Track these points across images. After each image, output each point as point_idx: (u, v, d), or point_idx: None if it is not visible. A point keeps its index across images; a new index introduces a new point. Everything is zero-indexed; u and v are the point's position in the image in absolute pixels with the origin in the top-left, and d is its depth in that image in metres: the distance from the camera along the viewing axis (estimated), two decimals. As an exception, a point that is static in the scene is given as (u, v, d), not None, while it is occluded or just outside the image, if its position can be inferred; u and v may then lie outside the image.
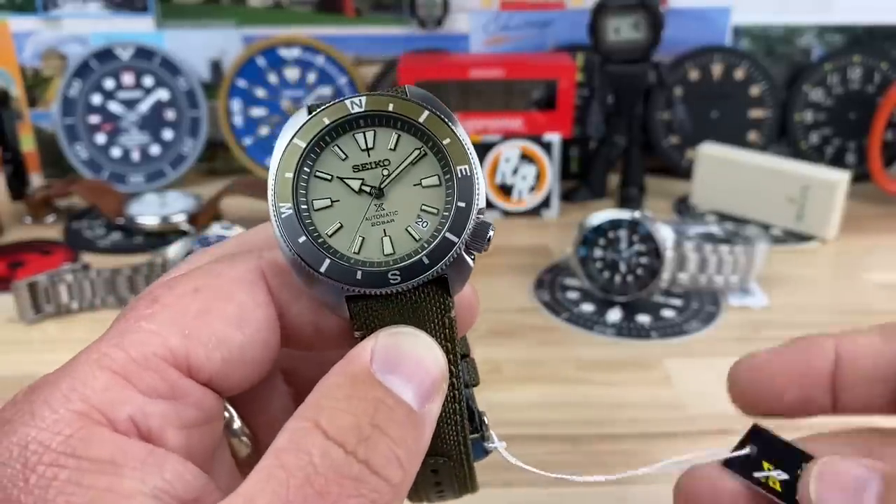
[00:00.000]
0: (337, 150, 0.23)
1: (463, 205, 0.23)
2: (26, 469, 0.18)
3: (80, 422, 0.19)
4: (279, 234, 0.22)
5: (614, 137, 0.83)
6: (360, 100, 0.23)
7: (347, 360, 0.21)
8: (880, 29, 0.90)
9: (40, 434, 0.19)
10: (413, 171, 0.23)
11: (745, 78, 0.89)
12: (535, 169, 0.81)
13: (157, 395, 0.20)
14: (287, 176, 0.23)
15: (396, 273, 0.22)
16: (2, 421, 0.20)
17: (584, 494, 0.45)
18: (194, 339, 0.21)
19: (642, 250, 0.61)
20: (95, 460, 0.19)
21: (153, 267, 0.62)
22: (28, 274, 0.63)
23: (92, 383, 0.20)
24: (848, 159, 0.90)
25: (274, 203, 0.22)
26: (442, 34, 0.90)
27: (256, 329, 0.22)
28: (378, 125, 0.24)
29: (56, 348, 0.60)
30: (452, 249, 0.22)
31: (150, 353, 0.21)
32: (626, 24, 0.78)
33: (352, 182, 0.23)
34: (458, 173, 0.23)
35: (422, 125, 0.23)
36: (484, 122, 0.82)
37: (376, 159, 0.23)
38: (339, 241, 0.23)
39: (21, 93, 0.91)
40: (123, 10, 0.89)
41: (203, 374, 0.21)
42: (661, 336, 0.59)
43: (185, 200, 0.80)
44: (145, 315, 0.21)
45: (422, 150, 0.23)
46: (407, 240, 0.23)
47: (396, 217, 0.23)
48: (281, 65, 0.89)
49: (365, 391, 0.20)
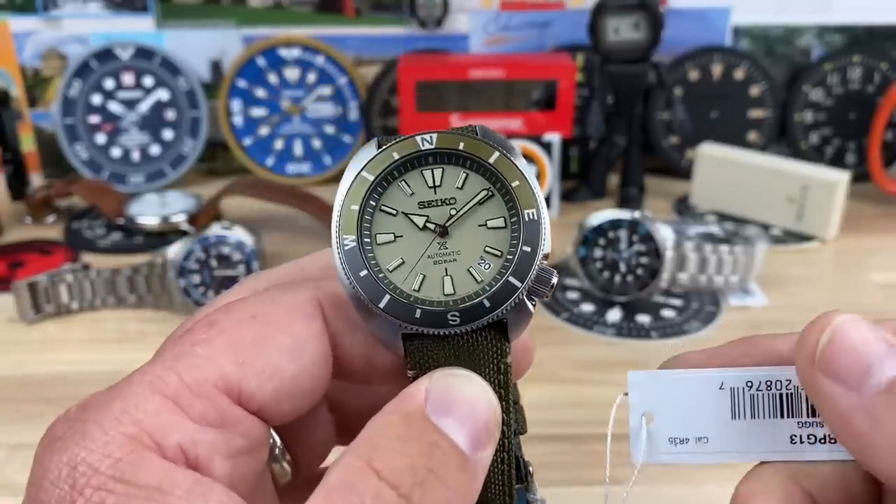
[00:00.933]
0: (404, 185, 0.23)
1: (528, 249, 0.22)
2: (74, 491, 0.18)
3: (130, 445, 0.19)
4: (340, 266, 0.22)
5: (614, 137, 0.83)
6: (430, 136, 0.23)
7: (402, 398, 0.21)
8: (880, 29, 0.90)
9: (90, 456, 0.19)
10: (479, 211, 0.23)
11: (745, 78, 0.89)
12: (534, 169, 0.81)
13: (206, 422, 0.20)
14: (353, 208, 0.22)
15: (456, 314, 0.22)
16: (53, 438, 0.20)
17: (585, 494, 0.45)
18: (248, 369, 0.21)
19: (642, 250, 0.61)
20: (143, 486, 0.19)
21: (153, 267, 0.62)
22: (28, 274, 0.63)
23: (144, 406, 0.20)
24: (848, 159, 0.90)
25: (338, 235, 0.22)
26: (442, 34, 0.90)
27: (310, 361, 0.22)
28: (447, 163, 0.23)
29: (56, 348, 0.60)
30: (515, 294, 0.22)
31: (203, 379, 0.21)
32: (626, 24, 0.78)
33: (417, 218, 0.23)
34: (525, 216, 0.22)
35: (491, 165, 0.23)
36: (484, 122, 0.81)
37: (443, 197, 0.23)
38: (400, 277, 0.22)
39: (21, 93, 0.91)
40: (123, 10, 0.89)
41: (253, 404, 0.21)
42: (661, 336, 0.59)
43: (186, 200, 0.80)
44: (201, 340, 0.21)
45: (489, 190, 0.23)
46: (468, 281, 0.22)
47: (459, 257, 0.23)
48: (281, 65, 0.89)
49: (420, 432, 0.20)
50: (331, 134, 0.92)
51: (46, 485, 0.19)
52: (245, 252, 0.62)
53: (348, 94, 0.91)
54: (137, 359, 0.64)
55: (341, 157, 0.92)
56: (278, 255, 0.73)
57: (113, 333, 0.61)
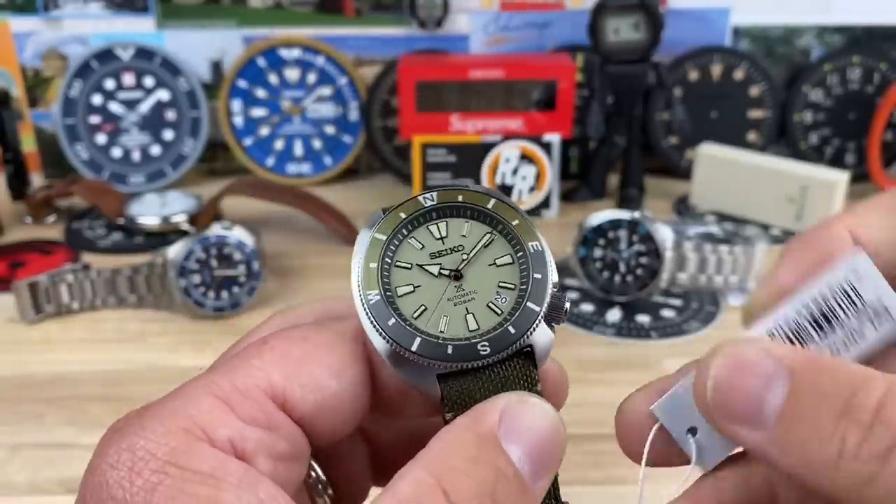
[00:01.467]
0: (414, 241, 0.25)
1: (539, 276, 0.24)
2: (132, 473, 0.20)
3: (185, 436, 0.21)
4: (368, 320, 0.23)
5: (614, 138, 0.83)
6: (431, 195, 0.25)
7: (476, 416, 0.22)
8: (879, 29, 0.90)
9: (148, 444, 0.20)
10: (486, 252, 0.25)
11: (745, 78, 0.89)
12: (534, 169, 0.81)
13: (254, 422, 0.22)
14: (371, 266, 0.24)
15: (485, 344, 0.23)
16: (113, 430, 0.21)
17: (585, 494, 0.45)
18: (294, 380, 0.23)
19: (642, 250, 0.61)
20: (197, 472, 0.20)
21: (153, 267, 0.62)
22: (29, 274, 0.63)
23: (198, 405, 0.21)
24: (847, 159, 0.90)
25: (361, 292, 0.24)
26: (442, 35, 0.90)
27: (351, 382, 0.24)
28: (450, 216, 0.25)
29: (57, 348, 0.60)
30: (536, 318, 0.23)
31: (252, 384, 0.22)
32: (626, 24, 0.78)
33: (431, 268, 0.25)
34: (530, 248, 0.24)
35: (490, 211, 0.25)
36: (484, 122, 0.82)
37: (451, 246, 0.25)
38: (426, 322, 0.24)
39: (22, 93, 0.91)
40: (124, 10, 0.89)
41: (296, 412, 0.23)
42: (661, 336, 0.59)
43: (186, 201, 0.80)
44: (254, 354, 0.23)
45: (492, 233, 0.25)
46: (490, 315, 0.24)
47: (477, 296, 0.24)
48: (281, 65, 0.89)
49: (489, 456, 0.21)
50: (331, 134, 0.92)
51: (105, 467, 0.20)
52: (245, 252, 0.62)
53: (348, 95, 0.91)
54: (138, 359, 0.65)
55: (341, 158, 0.92)
56: (278, 255, 0.73)
57: (113, 333, 0.61)
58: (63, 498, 0.45)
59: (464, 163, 0.81)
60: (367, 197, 0.88)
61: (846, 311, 0.23)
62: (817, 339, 0.23)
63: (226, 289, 0.62)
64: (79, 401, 0.53)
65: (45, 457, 0.47)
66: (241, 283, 0.62)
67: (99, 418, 0.51)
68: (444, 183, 0.25)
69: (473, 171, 0.81)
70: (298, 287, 0.68)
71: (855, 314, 0.23)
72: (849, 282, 0.23)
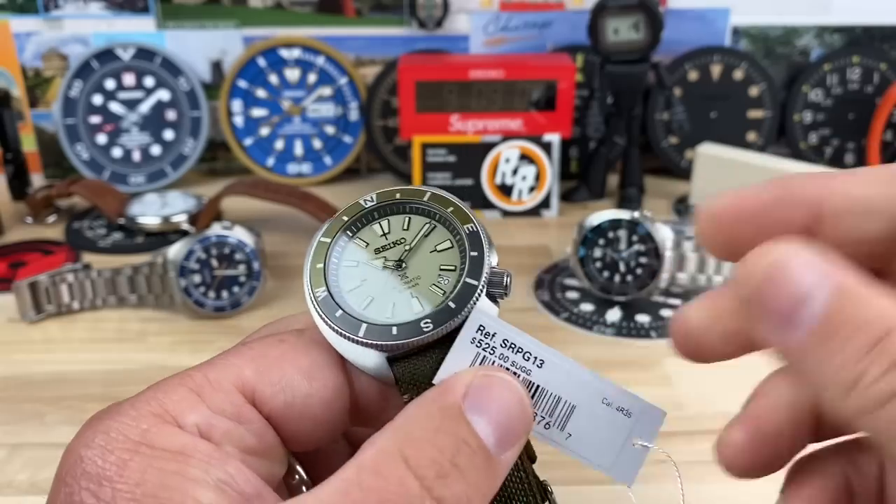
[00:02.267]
0: (358, 241, 0.26)
1: (475, 254, 0.25)
2: (105, 451, 0.21)
3: (155, 420, 0.22)
4: (317, 314, 0.24)
5: (614, 138, 0.83)
6: (371, 196, 0.27)
7: (442, 390, 0.22)
8: (879, 30, 0.90)
9: (121, 426, 0.22)
10: (427, 241, 0.26)
11: (745, 78, 0.89)
12: (534, 169, 0.81)
13: (222, 413, 0.23)
14: (318, 266, 0.26)
15: (428, 321, 0.24)
16: (91, 419, 0.23)
17: (585, 493, 0.45)
18: (265, 377, 0.24)
19: (642, 250, 0.61)
20: (167, 450, 0.21)
21: (154, 267, 0.62)
22: (29, 274, 0.63)
23: (170, 394, 0.23)
24: (847, 159, 0.90)
25: (310, 290, 0.25)
26: (442, 35, 0.90)
27: (323, 385, 0.24)
28: (391, 213, 0.27)
29: (57, 348, 0.60)
30: (475, 292, 0.24)
31: (223, 377, 0.23)
32: (626, 24, 0.78)
33: (375, 262, 0.26)
34: (466, 230, 0.25)
35: (426, 204, 0.26)
36: (484, 122, 0.82)
37: (393, 240, 0.26)
38: (374, 312, 0.25)
39: (22, 93, 0.91)
40: (124, 10, 0.89)
41: (265, 409, 0.24)
42: (661, 336, 0.59)
43: (186, 200, 0.80)
44: (233, 352, 0.24)
45: (430, 223, 0.26)
46: (433, 295, 0.25)
47: (420, 281, 0.25)
48: (281, 65, 0.90)
49: (452, 427, 0.21)
50: (331, 134, 0.92)
51: (79, 447, 0.22)
52: (245, 252, 0.62)
53: (349, 95, 0.91)
54: (138, 358, 0.65)
55: (342, 158, 0.92)
56: (278, 255, 0.73)
57: (114, 333, 0.62)
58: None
59: (464, 163, 0.81)
60: (367, 197, 0.89)
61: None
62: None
63: (226, 289, 0.62)
64: (79, 400, 0.53)
65: (46, 456, 0.47)
66: (241, 283, 0.63)
67: (99, 418, 0.51)
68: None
69: (473, 171, 0.81)
70: (298, 287, 0.68)
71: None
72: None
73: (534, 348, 0.25)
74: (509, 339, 0.24)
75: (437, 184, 0.82)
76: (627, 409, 0.24)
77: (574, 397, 0.25)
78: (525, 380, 0.24)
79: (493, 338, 0.24)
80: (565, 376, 0.25)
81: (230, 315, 0.63)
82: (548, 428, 0.25)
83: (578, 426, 0.25)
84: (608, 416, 0.24)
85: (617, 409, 0.24)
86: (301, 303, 0.64)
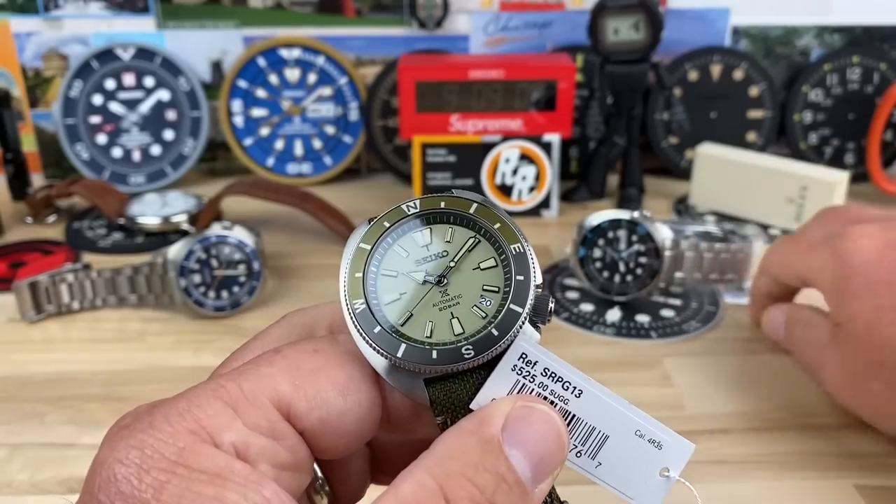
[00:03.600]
0: (399, 249, 0.25)
1: (521, 278, 0.24)
2: (141, 470, 0.20)
3: (192, 438, 0.21)
4: (354, 328, 0.24)
5: (614, 138, 0.83)
6: (414, 202, 0.26)
7: (481, 420, 0.22)
8: (879, 30, 0.90)
9: (156, 443, 0.21)
10: (470, 257, 0.25)
11: (744, 78, 0.89)
12: (534, 169, 0.81)
13: (258, 429, 0.22)
14: (357, 276, 0.24)
15: (469, 348, 0.23)
16: (120, 426, 0.22)
17: (583, 493, 0.45)
18: (300, 392, 0.23)
19: (641, 250, 0.61)
20: (204, 472, 0.21)
21: (154, 267, 0.62)
22: (29, 274, 0.63)
23: (205, 408, 0.22)
24: (847, 160, 0.90)
25: (347, 301, 0.24)
26: (442, 35, 0.90)
27: (357, 402, 0.24)
28: (433, 223, 0.26)
29: (57, 348, 0.60)
30: (518, 319, 0.23)
31: (259, 391, 0.23)
32: (626, 24, 0.78)
33: (416, 275, 0.25)
34: (513, 251, 0.25)
35: (472, 216, 0.25)
36: (484, 122, 0.82)
37: (435, 252, 0.25)
38: (412, 329, 0.24)
39: (22, 93, 0.91)
40: (124, 10, 0.89)
41: (300, 425, 0.23)
42: (661, 336, 0.59)
43: (186, 200, 0.80)
44: (266, 361, 0.24)
45: (475, 237, 0.25)
46: (474, 318, 0.24)
47: (461, 300, 0.24)
48: (281, 65, 0.90)
49: (492, 462, 0.21)
50: (331, 134, 0.92)
51: (113, 461, 0.21)
52: (245, 252, 0.62)
53: (349, 95, 0.91)
54: (138, 358, 0.65)
55: (342, 158, 0.92)
56: (278, 255, 0.73)
57: (114, 333, 0.62)
58: (63, 497, 0.45)
59: (464, 163, 0.81)
60: (367, 197, 0.89)
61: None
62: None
63: (226, 289, 0.62)
64: (79, 400, 0.53)
65: (46, 456, 0.48)
66: (241, 283, 0.63)
67: (99, 418, 0.51)
68: (432, 193, 0.26)
69: (473, 171, 0.81)
70: (298, 287, 0.68)
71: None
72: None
73: (573, 378, 0.24)
74: (550, 367, 0.24)
75: (437, 184, 0.82)
76: (658, 441, 0.24)
77: (608, 428, 0.24)
78: (562, 409, 0.24)
79: (534, 366, 0.24)
80: (602, 407, 0.24)
81: (230, 315, 0.63)
82: (579, 456, 0.24)
83: (609, 456, 0.24)
84: (640, 448, 0.24)
85: (649, 440, 0.24)
86: (300, 304, 0.64)
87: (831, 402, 0.50)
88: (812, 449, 0.47)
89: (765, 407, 0.51)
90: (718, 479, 0.45)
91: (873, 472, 0.45)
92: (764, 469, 0.46)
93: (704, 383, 0.54)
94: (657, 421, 0.25)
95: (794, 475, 0.45)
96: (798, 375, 0.54)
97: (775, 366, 0.55)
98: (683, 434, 0.26)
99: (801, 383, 0.53)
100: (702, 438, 0.48)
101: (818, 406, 0.51)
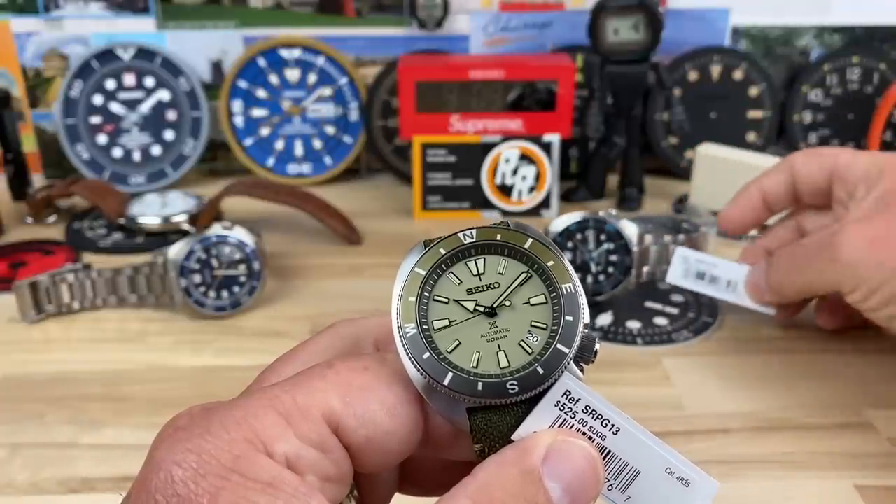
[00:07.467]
0: (452, 276, 0.26)
1: (570, 318, 0.24)
2: (198, 475, 0.21)
3: (247, 446, 0.22)
4: (404, 352, 0.24)
5: (613, 138, 0.84)
6: (471, 232, 0.26)
7: (523, 451, 0.23)
8: (879, 30, 0.90)
9: (214, 449, 0.22)
10: (521, 291, 0.25)
11: (744, 78, 0.89)
12: (534, 169, 0.81)
13: (309, 442, 0.23)
14: (410, 300, 0.25)
15: (514, 384, 0.24)
16: (176, 427, 0.23)
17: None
18: (350, 409, 0.24)
19: (611, 248, 0.61)
20: (257, 481, 0.21)
21: (154, 267, 0.62)
22: (29, 274, 0.63)
23: (262, 418, 0.23)
24: (847, 160, 0.90)
25: (399, 324, 0.25)
26: (442, 35, 0.90)
27: (402, 423, 0.25)
28: (487, 253, 0.26)
29: (57, 348, 0.60)
30: (564, 360, 0.24)
31: (312, 405, 0.23)
32: (626, 24, 0.78)
33: (467, 304, 0.25)
34: (564, 290, 0.25)
35: (527, 251, 0.26)
36: (484, 122, 0.82)
37: (487, 283, 0.26)
38: (459, 357, 0.24)
39: (22, 93, 0.91)
40: (125, 11, 0.89)
41: (347, 440, 0.24)
42: (646, 343, 0.59)
43: (187, 201, 0.80)
44: (318, 375, 0.24)
45: (528, 272, 0.26)
46: (520, 353, 0.24)
47: (509, 333, 0.25)
48: (282, 65, 0.90)
49: (531, 493, 0.22)
50: (331, 134, 0.92)
51: (170, 464, 0.21)
52: (246, 252, 0.63)
53: (349, 95, 0.91)
54: (138, 358, 0.65)
55: (342, 158, 0.92)
56: (278, 255, 0.73)
57: (114, 333, 0.62)
58: (63, 498, 0.45)
59: (464, 163, 0.81)
60: (367, 197, 0.89)
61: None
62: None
63: (226, 289, 0.62)
64: (79, 400, 0.53)
65: (46, 456, 0.48)
66: (241, 283, 0.63)
67: (99, 418, 0.51)
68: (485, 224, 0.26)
69: (473, 171, 0.81)
70: (299, 287, 0.68)
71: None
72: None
73: (612, 416, 0.25)
74: (591, 405, 0.24)
75: (436, 184, 0.82)
76: (687, 479, 0.25)
77: (640, 464, 0.25)
78: (599, 444, 0.25)
79: (576, 403, 0.24)
80: (636, 445, 0.25)
81: (230, 315, 0.63)
82: (610, 489, 0.25)
83: (639, 491, 0.25)
84: (668, 485, 0.25)
85: (678, 478, 0.25)
86: (300, 304, 0.64)
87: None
88: (812, 449, 0.47)
89: (765, 407, 0.51)
90: (718, 478, 0.45)
91: (873, 472, 0.45)
92: (764, 469, 0.46)
93: (704, 383, 0.54)
94: (686, 459, 0.25)
95: (795, 475, 0.45)
96: (798, 375, 0.54)
97: (775, 366, 0.55)
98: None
99: (801, 383, 0.53)
100: (702, 438, 0.48)
101: (818, 406, 0.51)
